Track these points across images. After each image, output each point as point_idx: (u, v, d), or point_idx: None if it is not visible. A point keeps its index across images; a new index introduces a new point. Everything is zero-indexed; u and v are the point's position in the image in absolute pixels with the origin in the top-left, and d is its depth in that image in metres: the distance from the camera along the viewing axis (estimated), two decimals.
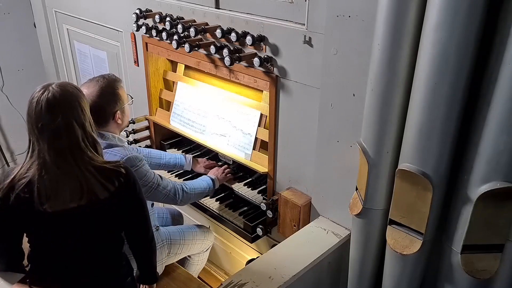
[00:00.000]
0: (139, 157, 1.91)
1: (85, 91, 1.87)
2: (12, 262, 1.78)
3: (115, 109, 1.94)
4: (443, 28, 1.20)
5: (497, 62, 1.19)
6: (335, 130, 1.82)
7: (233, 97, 2.39)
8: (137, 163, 1.89)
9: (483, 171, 1.29)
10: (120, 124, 1.99)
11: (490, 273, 1.40)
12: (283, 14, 1.91)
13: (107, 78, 1.95)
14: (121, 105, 1.97)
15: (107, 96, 1.91)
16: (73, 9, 3.15)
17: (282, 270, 1.75)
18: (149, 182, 1.94)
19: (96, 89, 1.89)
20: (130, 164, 1.85)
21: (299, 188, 2.14)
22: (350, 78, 1.68)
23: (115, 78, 1.99)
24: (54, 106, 1.47)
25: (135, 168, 1.87)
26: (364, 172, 1.55)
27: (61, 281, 1.70)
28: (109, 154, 1.86)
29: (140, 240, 1.79)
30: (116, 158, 1.84)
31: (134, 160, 1.88)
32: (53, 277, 1.70)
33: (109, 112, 1.93)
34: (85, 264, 1.70)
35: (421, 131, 1.33)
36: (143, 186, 1.89)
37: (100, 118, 1.90)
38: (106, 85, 1.92)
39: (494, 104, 1.22)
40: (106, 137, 1.93)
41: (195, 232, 2.39)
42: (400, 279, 1.61)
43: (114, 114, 1.94)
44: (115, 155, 1.86)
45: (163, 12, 2.39)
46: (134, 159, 1.88)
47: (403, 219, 1.49)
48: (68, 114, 1.50)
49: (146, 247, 1.82)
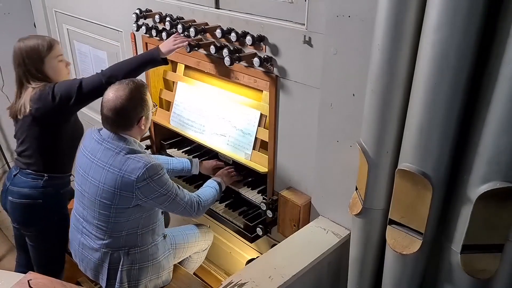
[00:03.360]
0: (161, 165, 1.91)
1: (113, 93, 1.89)
2: None
3: (141, 114, 1.94)
4: (443, 28, 1.20)
5: (497, 62, 1.19)
6: (335, 130, 1.82)
7: (233, 97, 2.39)
8: (159, 171, 1.89)
9: (483, 171, 1.29)
10: (143, 130, 2.00)
11: (490, 273, 1.40)
12: (283, 14, 1.91)
13: (136, 83, 1.95)
14: (147, 112, 1.97)
15: (135, 100, 1.92)
16: (73, 9, 3.16)
17: (282, 270, 1.76)
18: (169, 191, 1.93)
19: (126, 93, 1.89)
20: (153, 172, 1.86)
21: (299, 188, 2.14)
22: (350, 78, 1.68)
23: (144, 83, 2.00)
24: None
25: (157, 176, 1.87)
26: (364, 172, 1.55)
27: None
28: (132, 160, 1.87)
29: None
30: (139, 165, 1.85)
31: (157, 168, 1.88)
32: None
33: (135, 117, 1.93)
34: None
35: (421, 131, 1.33)
36: (162, 195, 1.91)
37: (126, 121, 1.92)
38: (135, 90, 1.92)
39: (494, 104, 1.22)
40: (128, 142, 1.93)
41: (197, 234, 2.39)
42: (400, 279, 1.61)
43: (140, 120, 1.95)
44: (138, 161, 1.86)
45: (163, 12, 2.39)
46: (157, 167, 1.88)
47: (403, 219, 1.49)
48: None
49: None
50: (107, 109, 1.90)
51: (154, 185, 1.87)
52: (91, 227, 2.00)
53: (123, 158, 1.87)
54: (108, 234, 1.97)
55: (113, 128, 1.93)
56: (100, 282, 2.08)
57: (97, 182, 1.91)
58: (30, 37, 2.27)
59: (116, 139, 1.92)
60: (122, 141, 1.92)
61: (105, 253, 2.00)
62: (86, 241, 2.04)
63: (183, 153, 2.75)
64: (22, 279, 2.00)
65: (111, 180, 1.87)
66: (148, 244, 2.05)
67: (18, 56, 2.23)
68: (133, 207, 1.91)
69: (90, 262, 2.05)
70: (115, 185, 1.86)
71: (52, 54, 2.23)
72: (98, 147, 1.94)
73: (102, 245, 1.99)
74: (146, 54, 2.23)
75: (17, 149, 2.35)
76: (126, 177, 1.85)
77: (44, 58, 2.21)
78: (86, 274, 2.15)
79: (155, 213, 2.05)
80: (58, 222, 2.35)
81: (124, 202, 1.89)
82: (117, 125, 1.93)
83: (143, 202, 1.91)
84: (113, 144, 1.91)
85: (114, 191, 1.87)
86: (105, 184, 1.88)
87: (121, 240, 1.98)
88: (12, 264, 2.72)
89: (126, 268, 2.00)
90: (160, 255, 2.11)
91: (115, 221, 1.94)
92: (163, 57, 2.16)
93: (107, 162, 1.89)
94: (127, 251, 2.00)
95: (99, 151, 1.93)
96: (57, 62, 2.26)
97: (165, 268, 2.15)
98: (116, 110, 1.88)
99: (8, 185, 2.32)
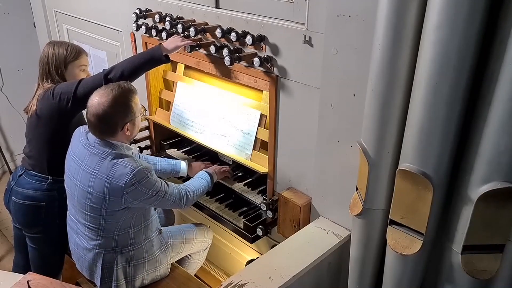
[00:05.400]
0: (148, 167, 1.90)
1: (97, 99, 1.87)
2: None
3: (125, 121, 1.91)
4: (444, 28, 1.19)
5: (498, 62, 1.19)
6: (335, 130, 1.82)
7: (233, 97, 2.38)
8: (146, 175, 1.88)
9: (483, 171, 1.28)
10: (129, 136, 1.97)
11: (491, 274, 1.40)
12: (283, 14, 1.91)
13: (122, 88, 1.91)
14: (132, 117, 1.94)
15: (118, 107, 1.88)
16: (73, 9, 3.15)
17: (282, 270, 1.75)
18: (157, 191, 1.93)
19: (109, 99, 1.86)
20: (141, 176, 1.85)
21: (299, 188, 2.13)
22: (350, 78, 1.68)
23: (130, 88, 1.95)
24: None
25: (145, 179, 1.86)
26: (365, 172, 1.55)
27: None
28: (119, 165, 1.85)
29: None
30: (127, 171, 1.83)
31: (144, 172, 1.87)
32: None
33: (119, 124, 1.90)
34: None
35: (421, 131, 1.33)
36: (152, 196, 1.91)
37: (109, 128, 1.90)
38: (119, 95, 1.89)
39: (495, 104, 1.21)
40: (114, 146, 1.91)
41: (195, 231, 2.39)
42: (401, 280, 1.60)
43: (124, 126, 1.91)
44: (125, 166, 1.85)
45: (163, 12, 2.39)
46: (144, 171, 1.87)
47: (404, 219, 1.48)
48: None
49: None
50: (90, 114, 1.88)
51: (142, 188, 1.87)
52: (83, 228, 2.01)
53: (110, 164, 1.85)
54: (100, 235, 1.97)
55: (97, 134, 1.91)
56: (95, 281, 2.10)
57: (85, 188, 1.90)
58: (61, 42, 2.34)
59: (102, 144, 1.90)
60: (108, 146, 1.90)
61: (99, 253, 2.00)
62: (81, 241, 2.05)
63: (182, 153, 2.75)
64: (22, 279, 2.00)
65: (99, 186, 1.86)
66: (142, 241, 2.05)
67: (44, 57, 2.25)
68: (122, 210, 1.91)
69: (84, 262, 2.07)
70: (103, 191, 1.85)
71: (77, 62, 2.27)
72: (85, 152, 1.92)
73: (95, 246, 2.00)
74: (148, 52, 2.22)
75: (24, 149, 2.35)
76: (114, 183, 1.84)
77: (68, 64, 2.25)
78: (82, 273, 2.16)
79: (147, 211, 2.05)
80: (60, 225, 2.34)
81: (113, 206, 1.89)
82: (100, 131, 1.90)
83: (132, 205, 1.91)
84: (99, 150, 1.89)
85: (103, 197, 1.86)
86: (93, 190, 1.88)
87: (114, 240, 1.99)
88: (12, 265, 2.71)
89: (121, 266, 2.02)
90: (156, 250, 2.11)
91: (106, 223, 1.94)
92: (166, 54, 2.15)
93: (94, 168, 1.87)
94: (120, 250, 2.01)
95: (85, 156, 1.91)
96: (79, 71, 2.29)
97: (162, 262, 2.15)
98: (99, 117, 1.85)
99: (12, 185, 2.31)
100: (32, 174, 2.27)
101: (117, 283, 2.02)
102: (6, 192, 2.37)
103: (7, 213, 2.46)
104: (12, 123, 3.92)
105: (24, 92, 2.59)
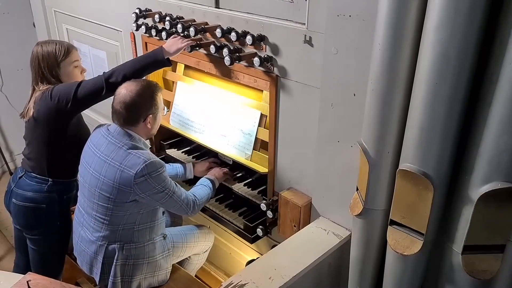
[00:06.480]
0: (161, 162, 1.94)
1: (125, 88, 1.94)
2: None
3: (148, 112, 1.97)
4: (444, 28, 1.19)
5: (498, 62, 1.18)
6: (336, 130, 1.81)
7: (233, 97, 2.38)
8: (158, 168, 1.91)
9: (484, 171, 1.28)
10: (149, 129, 2.02)
11: (491, 274, 1.39)
12: (283, 14, 1.90)
13: (149, 82, 2.04)
14: (155, 111, 2.00)
15: (145, 97, 1.95)
16: (73, 9, 3.15)
17: (282, 270, 1.75)
18: (166, 189, 1.95)
19: (137, 88, 1.94)
20: (152, 168, 1.88)
21: (299, 188, 2.13)
22: (351, 78, 1.67)
23: (157, 84, 2.05)
24: None
25: (156, 173, 1.89)
26: (365, 172, 1.55)
27: None
28: (133, 155, 1.90)
29: None
30: (139, 161, 1.87)
31: (156, 165, 1.90)
32: None
33: (142, 113, 1.96)
34: None
35: (422, 131, 1.33)
36: (160, 192, 1.93)
37: (133, 116, 1.95)
38: (147, 87, 1.97)
39: (495, 105, 1.21)
40: (133, 138, 1.97)
41: (196, 234, 2.38)
42: (401, 280, 1.60)
43: (146, 117, 1.97)
44: (138, 157, 1.89)
45: (163, 11, 2.39)
46: (157, 164, 1.90)
47: (404, 219, 1.48)
48: None
49: None
50: (116, 102, 1.95)
51: (152, 181, 1.89)
52: (90, 219, 2.03)
53: (124, 153, 1.91)
54: (106, 226, 1.99)
55: (120, 122, 1.97)
56: (94, 276, 2.11)
57: (97, 175, 1.94)
58: (48, 41, 2.29)
59: (122, 134, 1.96)
60: (127, 136, 1.96)
61: (101, 246, 2.02)
62: (85, 233, 2.07)
63: (182, 153, 2.74)
64: (21, 279, 2.00)
65: (111, 174, 1.90)
66: (145, 241, 2.06)
67: (34, 59, 2.23)
68: (130, 202, 1.94)
69: (86, 256, 2.08)
70: (114, 179, 1.89)
71: (68, 59, 2.25)
72: (103, 141, 1.98)
73: (98, 238, 2.02)
74: (149, 55, 2.22)
75: (24, 151, 2.34)
76: (125, 172, 1.87)
77: (60, 63, 2.23)
78: (82, 268, 2.17)
79: (154, 211, 2.06)
80: (60, 226, 2.34)
81: (122, 196, 1.92)
82: (123, 118, 1.96)
83: (140, 198, 1.93)
84: (117, 139, 1.95)
85: (113, 185, 1.90)
86: (105, 177, 1.92)
87: (118, 233, 2.00)
88: (12, 265, 2.71)
89: (120, 262, 2.02)
90: (157, 254, 2.11)
91: (113, 214, 1.96)
92: (167, 56, 2.16)
93: (109, 156, 1.93)
94: (122, 245, 2.02)
95: (103, 145, 1.97)
96: (73, 68, 2.27)
97: (162, 268, 2.15)
98: (125, 103, 1.92)
99: (13, 187, 2.31)
100: (32, 176, 2.27)
101: (114, 279, 2.03)
102: (7, 193, 2.36)
103: (7, 213, 2.45)
104: (12, 122, 3.92)
105: (24, 92, 2.59)
